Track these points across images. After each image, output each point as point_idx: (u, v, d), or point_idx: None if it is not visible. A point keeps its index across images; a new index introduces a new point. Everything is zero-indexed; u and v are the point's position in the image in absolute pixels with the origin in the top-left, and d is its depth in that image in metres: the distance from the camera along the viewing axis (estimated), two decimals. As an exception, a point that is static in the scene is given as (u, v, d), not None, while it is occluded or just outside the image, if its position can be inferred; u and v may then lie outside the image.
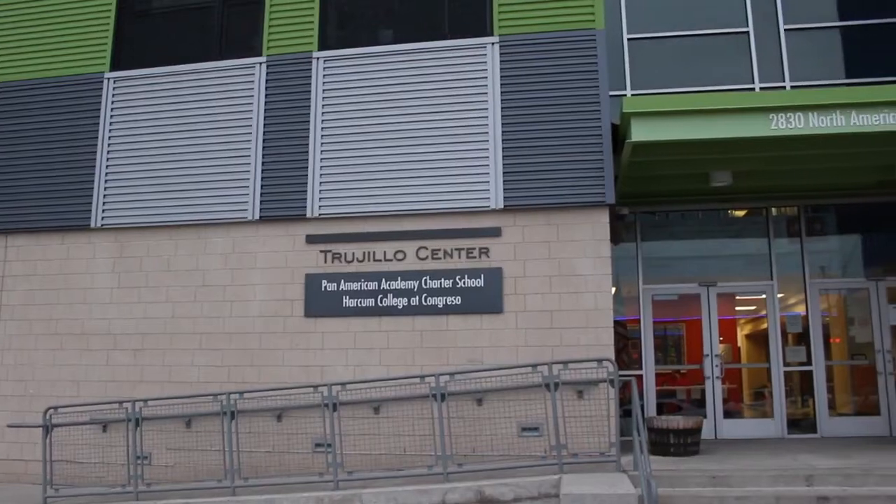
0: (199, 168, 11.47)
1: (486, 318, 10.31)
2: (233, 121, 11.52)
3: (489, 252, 10.49)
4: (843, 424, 11.99)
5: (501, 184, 10.57)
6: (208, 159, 11.48)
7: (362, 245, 10.85)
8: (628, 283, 12.48)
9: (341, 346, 10.62)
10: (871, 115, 9.72)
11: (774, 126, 9.80)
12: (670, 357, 13.06)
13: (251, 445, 10.10)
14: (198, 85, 11.79)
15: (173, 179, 11.52)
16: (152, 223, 11.48)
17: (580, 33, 10.90)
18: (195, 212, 11.36)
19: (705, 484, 8.53)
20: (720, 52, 12.85)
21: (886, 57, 12.55)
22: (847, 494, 8.04)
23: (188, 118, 11.67)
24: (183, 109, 11.73)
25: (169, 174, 11.54)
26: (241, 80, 11.67)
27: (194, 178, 11.46)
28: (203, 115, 11.64)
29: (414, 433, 9.83)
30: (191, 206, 11.39)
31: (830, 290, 12.82)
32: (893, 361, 12.03)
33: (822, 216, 12.94)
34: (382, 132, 11.07)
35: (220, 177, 11.39)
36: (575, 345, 9.95)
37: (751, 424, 12.35)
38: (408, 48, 11.34)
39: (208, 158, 11.48)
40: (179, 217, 11.39)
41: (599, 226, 10.34)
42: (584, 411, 9.49)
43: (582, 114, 10.59)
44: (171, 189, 11.49)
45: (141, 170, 11.65)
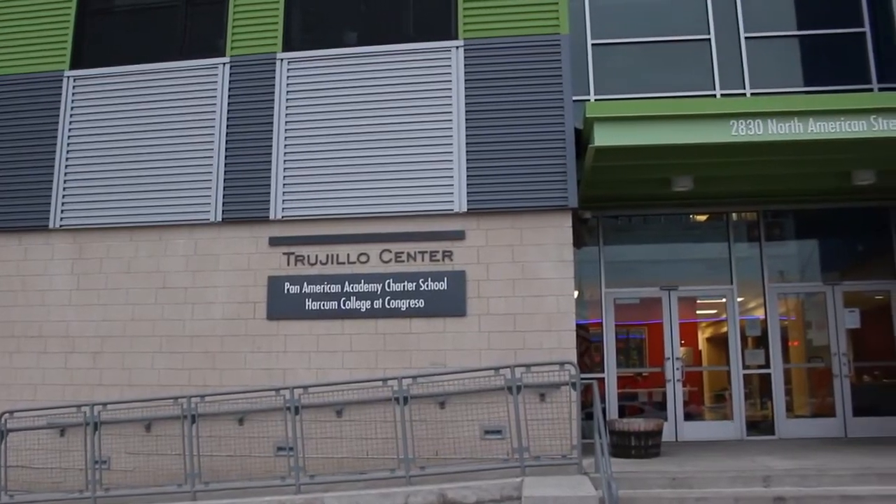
0: (161, 169, 11.33)
1: (449, 321, 10.32)
2: (195, 121, 11.41)
3: (453, 255, 10.51)
4: (800, 426, 12.19)
5: (465, 187, 10.59)
6: (170, 160, 11.34)
7: (326, 247, 10.80)
8: (591, 287, 12.57)
9: (304, 348, 10.56)
10: (828, 123, 9.90)
11: (735, 132, 9.95)
12: (632, 360, 13.17)
13: (212, 449, 10.00)
14: (160, 85, 11.65)
15: (134, 180, 11.37)
16: (112, 224, 11.31)
17: (544, 38, 10.96)
18: (156, 213, 11.22)
19: (666, 485, 8.62)
20: (682, 59, 13.02)
21: (844, 66, 12.82)
22: (802, 494, 8.19)
23: (150, 118, 11.52)
24: (145, 109, 11.58)
25: (130, 175, 11.39)
26: (204, 80, 11.56)
27: (156, 178, 11.32)
28: (165, 115, 11.50)
29: (377, 436, 9.80)
30: (152, 207, 11.25)
31: (789, 294, 13.03)
32: (849, 364, 12.26)
33: (780, 221, 13.14)
34: (347, 134, 11.04)
35: (183, 178, 11.26)
36: (537, 348, 9.99)
37: (711, 426, 12.51)
38: (372, 51, 11.32)
39: (170, 159, 11.35)
40: (140, 218, 11.24)
41: (562, 230, 10.41)
42: (547, 414, 9.53)
43: (546, 118, 10.65)
44: (132, 190, 11.34)
45: (101, 170, 11.49)
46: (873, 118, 9.85)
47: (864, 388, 12.41)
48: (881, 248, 12.74)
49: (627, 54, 13.03)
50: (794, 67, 13.12)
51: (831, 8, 13.24)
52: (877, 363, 12.60)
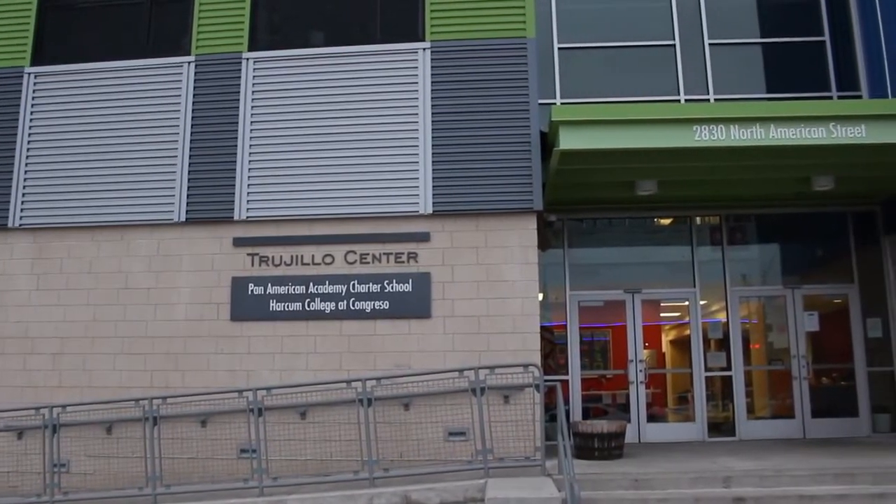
0: (124, 168, 11.19)
1: (414, 323, 10.32)
2: (159, 120, 11.29)
3: (418, 257, 10.51)
4: (761, 427, 12.36)
5: (431, 189, 10.60)
6: (134, 159, 11.21)
7: (290, 248, 10.74)
8: (555, 289, 12.64)
9: (268, 350, 10.50)
10: (788, 129, 10.05)
11: (698, 137, 10.06)
12: (597, 362, 13.27)
13: (174, 452, 9.89)
14: (124, 83, 11.51)
15: (96, 179, 11.22)
16: (73, 224, 11.15)
17: (511, 41, 11.00)
18: (119, 212, 11.08)
19: (628, 487, 8.69)
20: (648, 64, 13.16)
21: (804, 74, 13.05)
22: (761, 495, 8.31)
23: (113, 116, 11.37)
24: (108, 107, 11.43)
25: (92, 173, 11.24)
26: (168, 78, 11.45)
27: (119, 177, 11.18)
28: (129, 113, 11.37)
29: (341, 438, 9.76)
30: (114, 206, 11.11)
31: (750, 297, 13.21)
32: (808, 366, 12.45)
33: (743, 225, 13.32)
34: (312, 135, 11.00)
35: (146, 177, 11.14)
36: (502, 350, 10.02)
37: (673, 428, 12.64)
38: (339, 51, 11.30)
39: (134, 158, 11.21)
40: (102, 218, 11.09)
41: (527, 232, 10.46)
42: (511, 416, 9.56)
43: (512, 121, 10.70)
44: (93, 189, 11.19)
45: (62, 168, 11.32)
46: (832, 125, 10.01)
47: (822, 390, 12.62)
48: (839, 252, 12.97)
49: (593, 59, 13.14)
50: (756, 74, 13.32)
51: (793, 17, 13.48)
52: (834, 365, 12.81)
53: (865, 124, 10.01)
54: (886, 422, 12.28)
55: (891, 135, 10.01)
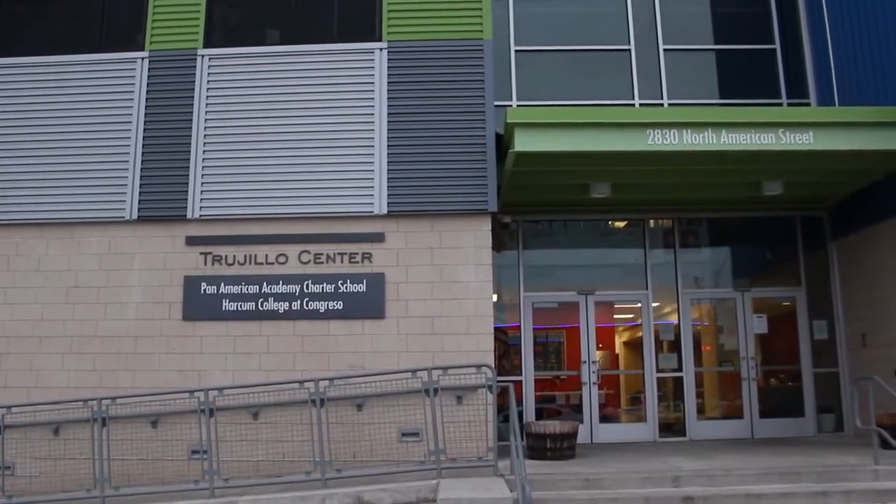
0: (75, 164, 10.98)
1: (367, 324, 10.30)
2: (112, 116, 11.10)
3: (372, 257, 10.49)
4: (711, 428, 12.56)
5: (386, 189, 10.59)
6: (84, 155, 11.01)
7: (244, 248, 10.65)
8: (510, 291, 12.70)
9: (220, 350, 10.39)
10: (739, 134, 10.25)
11: (651, 141, 10.20)
12: (550, 363, 13.36)
13: (124, 453, 9.74)
14: (75, 77, 11.30)
15: (46, 175, 10.98)
16: (22, 220, 10.91)
17: (468, 43, 11.03)
18: (69, 209, 10.88)
19: (579, 487, 8.74)
20: (603, 68, 13.31)
21: (756, 81, 13.31)
22: (710, 494, 8.41)
23: (64, 111, 11.16)
24: (58, 102, 11.21)
25: (41, 169, 11.00)
26: (121, 74, 11.28)
27: (69, 174, 10.96)
28: (80, 109, 11.17)
29: (293, 439, 9.71)
30: (64, 203, 10.90)
31: (702, 299, 13.41)
32: (756, 368, 12.68)
33: (695, 229, 13.52)
34: (268, 133, 10.91)
35: (97, 174, 10.95)
36: (456, 350, 10.05)
37: (625, 428, 12.78)
38: (295, 50, 11.24)
39: (84, 154, 11.02)
40: (51, 214, 10.88)
41: (482, 233, 10.49)
42: (464, 416, 9.58)
43: (467, 122, 10.73)
44: (42, 185, 10.96)
45: (9, 164, 11.06)
46: (781, 131, 10.23)
47: (770, 391, 12.87)
48: (788, 256, 13.24)
49: (550, 62, 13.25)
50: (709, 80, 13.56)
51: (745, 25, 13.75)
52: (782, 367, 13.07)
53: (813, 131, 10.24)
54: (831, 422, 12.58)
55: (837, 142, 10.27)
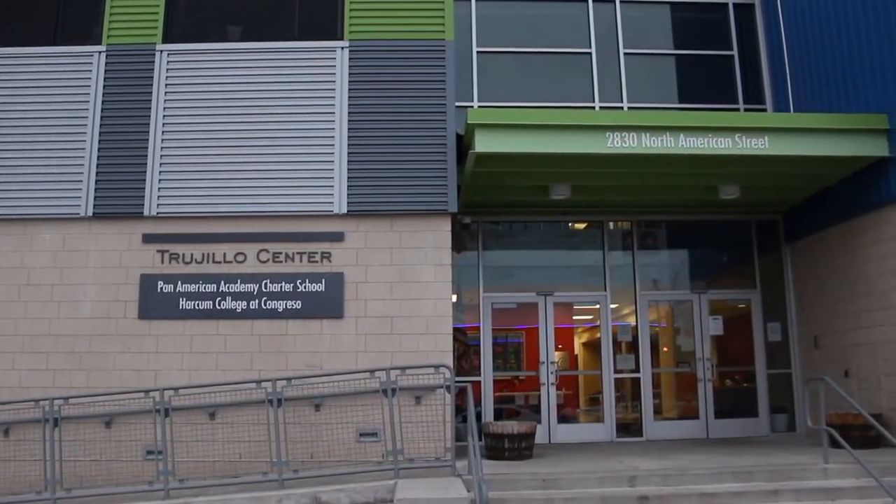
0: (28, 159, 10.74)
1: (326, 323, 10.25)
2: (67, 111, 10.89)
3: (331, 257, 10.44)
4: (667, 428, 12.71)
5: (346, 188, 10.55)
6: (38, 150, 10.77)
7: (202, 246, 10.53)
8: (469, 291, 12.75)
9: (177, 349, 10.26)
10: (697, 139, 10.40)
11: (610, 144, 10.31)
12: (510, 364, 13.41)
13: (76, 454, 9.56)
14: (30, 70, 11.06)
15: (-2, 170, 10.80)
16: (-28, 216, 10.71)
17: (430, 43, 11.03)
18: (22, 205, 10.64)
19: (536, 487, 8.79)
20: (565, 71, 13.43)
21: (714, 86, 13.52)
22: (664, 493, 8.52)
23: (17, 105, 10.90)
24: (11, 95, 10.95)
25: (-7, 164, 10.81)
26: (77, 68, 11.07)
27: (22, 169, 10.72)
28: (34, 102, 10.92)
29: (250, 439, 9.63)
30: (17, 199, 10.65)
31: (660, 301, 13.57)
32: (712, 369, 12.86)
33: (653, 231, 13.67)
34: (227, 131, 10.80)
35: (51, 169, 10.72)
36: (414, 351, 10.04)
37: (583, 429, 12.89)
38: (256, 47, 11.14)
39: (38, 149, 10.77)
40: (4, 210, 10.62)
41: (441, 233, 10.49)
42: (422, 417, 9.59)
43: (428, 122, 10.72)
44: (-6, 180, 10.77)
45: (-39, 159, 10.85)
46: (738, 136, 10.41)
47: (725, 392, 13.07)
48: (744, 259, 13.46)
49: (511, 63, 13.33)
50: (668, 84, 13.74)
51: (704, 31, 13.96)
52: (737, 368, 13.28)
53: (768, 136, 10.44)
54: (784, 422, 12.82)
55: (791, 147, 10.47)
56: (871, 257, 11.09)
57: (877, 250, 10.97)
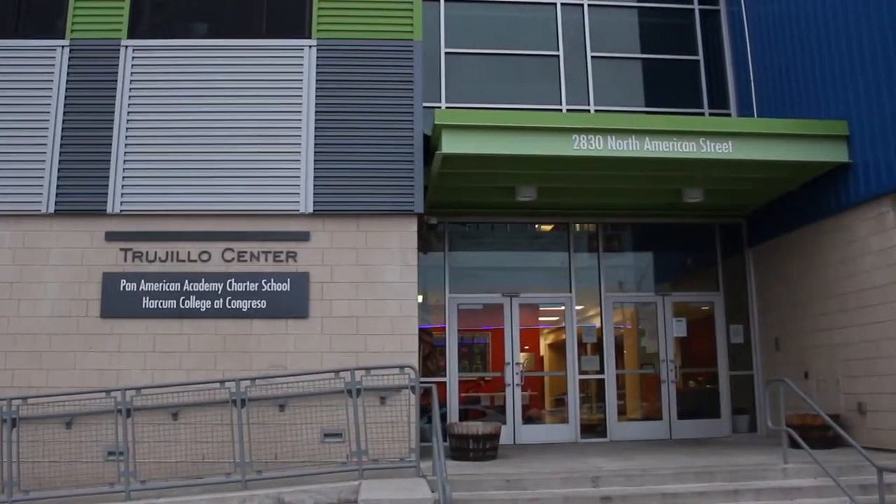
0: (-12, 154, 10.60)
1: (291, 323, 10.19)
2: (28, 105, 10.69)
3: (297, 256, 10.38)
4: (631, 429, 12.83)
5: (312, 188, 10.49)
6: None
7: (166, 244, 10.42)
8: (435, 292, 12.77)
9: (139, 349, 10.14)
10: (662, 142, 10.51)
11: (576, 146, 10.38)
12: (476, 365, 13.44)
13: (35, 455, 9.39)
14: (-10, 64, 10.92)
15: (-44, 165, 10.59)
16: (-72, 212, 10.49)
17: (398, 43, 11.01)
18: (-20, 202, 10.50)
19: (500, 487, 8.80)
20: (532, 73, 13.51)
21: (680, 90, 13.67)
22: (627, 493, 8.58)
23: (-25, 99, 10.77)
24: (-30, 89, 10.81)
25: (-50, 159, 10.59)
26: (40, 62, 10.87)
27: (-21, 164, 10.58)
28: (-6, 96, 10.78)
29: (213, 440, 9.54)
30: (-24, 195, 10.51)
31: (625, 303, 13.69)
32: (676, 370, 13.00)
33: (618, 234, 13.79)
34: (193, 128, 10.69)
35: (12, 165, 10.51)
36: (380, 351, 10.02)
37: (548, 429, 12.95)
38: (223, 44, 11.04)
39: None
40: (-38, 207, 10.49)
41: (408, 234, 10.48)
42: (387, 417, 9.56)
43: (396, 122, 10.70)
44: (-47, 176, 10.56)
45: (-82, 153, 10.63)
46: (702, 140, 10.53)
47: (688, 393, 13.23)
48: (707, 262, 13.63)
49: (479, 65, 13.37)
50: (635, 88, 13.89)
51: (670, 36, 14.12)
52: (700, 369, 13.45)
53: (732, 141, 10.58)
54: (745, 422, 13.00)
55: (754, 152, 10.62)
56: (831, 261, 11.28)
57: (836, 254, 11.16)
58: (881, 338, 10.24)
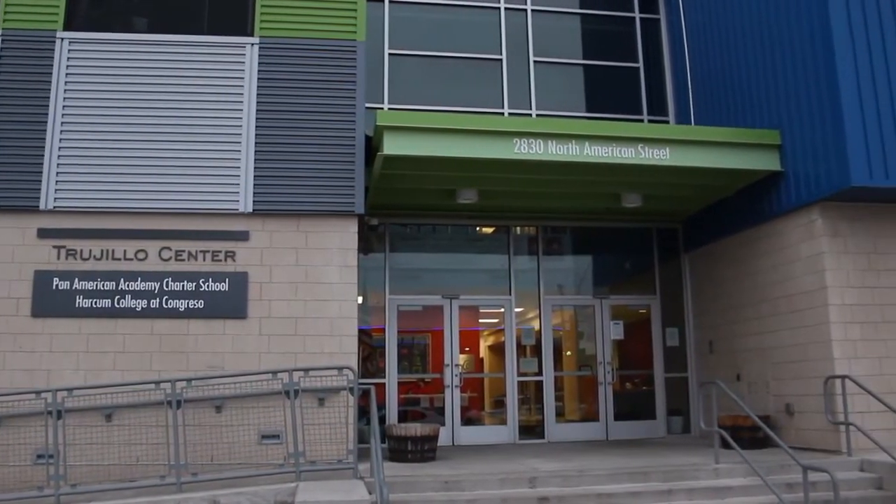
0: (-87, 147, 10.25)
1: (229, 324, 10.07)
2: (-43, 98, 10.43)
3: (235, 256, 10.26)
4: (568, 430, 12.99)
5: (252, 187, 10.38)
6: (-75, 138, 10.30)
7: (101, 242, 10.18)
8: (375, 293, 12.74)
9: (72, 348, 9.89)
10: (601, 148, 10.65)
11: (517, 150, 10.47)
12: (416, 366, 13.45)
13: (-41, 458, 9.16)
14: (-85, 54, 10.55)
15: None
16: None
17: (341, 43, 10.95)
18: None
19: (438, 488, 8.83)
20: (476, 76, 13.58)
21: (620, 97, 13.88)
22: (564, 494, 8.67)
23: None
24: None
25: None
26: (-31, 54, 10.61)
27: None
28: (-82, 88, 10.42)
29: (148, 442, 9.38)
30: None
31: (563, 306, 13.85)
32: (613, 372, 13.20)
33: (558, 237, 13.95)
34: (131, 124, 10.47)
35: (-61, 159, 10.26)
36: (318, 352, 9.97)
37: (487, 431, 13.03)
38: (164, 39, 10.84)
39: (-75, 137, 10.30)
40: None
41: (348, 235, 10.44)
42: (325, 419, 9.52)
43: (337, 123, 10.64)
44: None
45: None
46: (640, 146, 10.71)
47: (625, 395, 13.44)
48: (645, 265, 13.87)
49: (423, 67, 13.39)
50: (576, 93, 14.07)
51: (612, 43, 14.34)
52: (636, 371, 13.68)
53: (670, 148, 10.78)
54: (680, 423, 13.28)
55: (691, 159, 10.84)
56: (763, 267, 11.57)
57: (768, 260, 11.46)
58: (809, 341, 10.55)
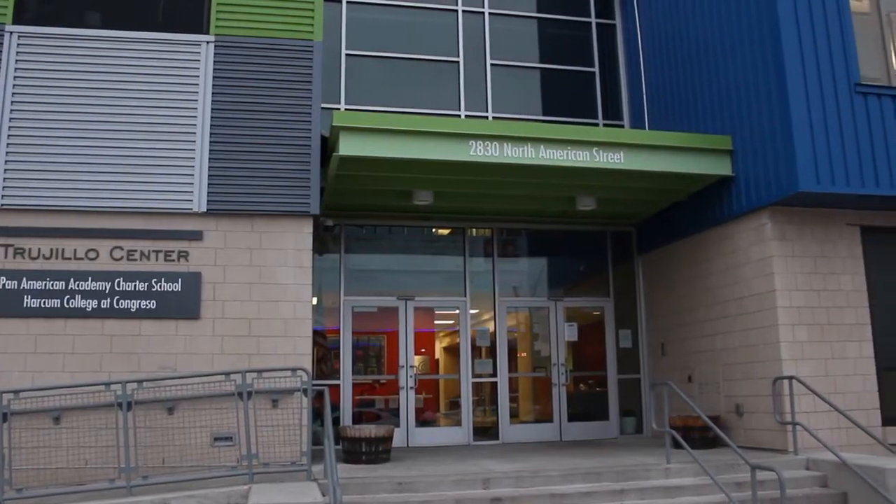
0: None
1: (181, 324, 9.94)
2: None
3: (189, 256, 10.14)
4: (523, 431, 13.07)
5: (206, 186, 10.26)
6: None
7: (50, 241, 9.99)
8: (330, 294, 12.69)
9: (19, 349, 9.68)
10: (557, 151, 10.75)
11: (473, 152, 10.51)
12: (371, 367, 13.42)
13: None
14: None
15: None
16: None
17: (298, 42, 10.89)
18: None
19: (392, 490, 8.83)
20: (433, 78, 13.62)
21: (576, 100, 14.03)
22: (518, 495, 8.72)
23: None
24: None
25: None
26: (-87, 47, 10.34)
27: None
28: None
29: (98, 444, 9.22)
30: None
31: (518, 307, 13.94)
32: (567, 374, 13.32)
33: (513, 239, 14.04)
34: (83, 121, 10.28)
35: None
36: (272, 353, 9.91)
37: (441, 432, 13.05)
38: (117, 35, 10.66)
39: None
40: None
41: (302, 235, 10.39)
42: (279, 420, 9.47)
43: (293, 123, 10.57)
44: None
45: None
46: (595, 150, 10.83)
47: (578, 396, 13.57)
48: (598, 268, 14.03)
49: (380, 68, 13.38)
50: (533, 97, 14.18)
51: (568, 47, 14.49)
52: (590, 373, 13.82)
53: (624, 151, 10.91)
54: (632, 424, 13.45)
55: (645, 163, 10.99)
56: (715, 270, 11.78)
57: (720, 263, 11.66)
58: (759, 343, 10.77)
